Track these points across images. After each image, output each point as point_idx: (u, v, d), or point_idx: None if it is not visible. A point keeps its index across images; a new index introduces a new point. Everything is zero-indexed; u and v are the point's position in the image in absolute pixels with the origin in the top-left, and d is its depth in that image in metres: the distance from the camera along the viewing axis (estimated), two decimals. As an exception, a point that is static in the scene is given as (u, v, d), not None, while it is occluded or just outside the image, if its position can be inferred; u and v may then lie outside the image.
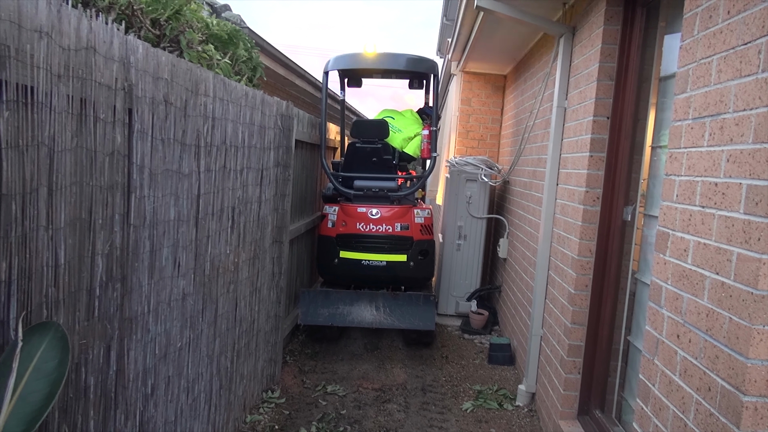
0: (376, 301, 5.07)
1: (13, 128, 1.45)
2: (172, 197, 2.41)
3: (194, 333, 2.77)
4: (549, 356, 3.83)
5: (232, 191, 3.16)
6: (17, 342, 1.32)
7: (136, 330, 2.19)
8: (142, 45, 2.09)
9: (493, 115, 7.22)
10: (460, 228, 6.18)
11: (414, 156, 6.24)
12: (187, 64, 2.46)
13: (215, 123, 2.82)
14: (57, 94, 1.61)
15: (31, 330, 1.49)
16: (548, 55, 4.67)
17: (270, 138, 3.79)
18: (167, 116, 2.31)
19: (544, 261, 4.04)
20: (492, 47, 5.71)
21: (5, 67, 1.41)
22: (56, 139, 1.63)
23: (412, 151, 6.17)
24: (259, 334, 3.89)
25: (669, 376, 2.06)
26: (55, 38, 1.59)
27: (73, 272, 1.75)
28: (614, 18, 3.22)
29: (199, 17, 2.99)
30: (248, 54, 3.73)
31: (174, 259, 2.49)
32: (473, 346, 5.46)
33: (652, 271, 2.30)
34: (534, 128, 4.72)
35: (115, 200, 1.97)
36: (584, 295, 3.38)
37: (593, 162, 3.30)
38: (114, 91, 1.91)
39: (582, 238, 3.35)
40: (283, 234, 4.24)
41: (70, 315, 1.76)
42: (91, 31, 1.75)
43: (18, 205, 1.49)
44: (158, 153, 2.26)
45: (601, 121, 3.28)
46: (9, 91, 1.43)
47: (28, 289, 1.55)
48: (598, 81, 3.25)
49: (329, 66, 5.73)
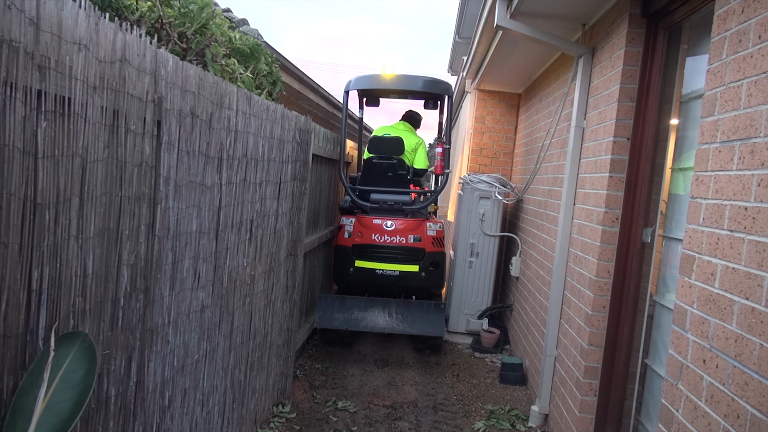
0: (389, 307, 5.34)
1: (50, 138, 1.47)
2: (194, 209, 2.42)
3: (211, 345, 2.77)
4: (563, 377, 3.79)
5: (251, 204, 3.17)
6: (48, 352, 1.32)
7: (157, 341, 2.19)
8: (172, 58, 2.11)
9: (507, 133, 7.23)
10: (473, 245, 6.16)
11: (425, 168, 6.47)
12: (213, 78, 2.48)
13: (237, 136, 2.84)
14: (92, 105, 1.63)
15: (59, 340, 1.49)
16: (565, 75, 4.69)
17: (288, 152, 3.81)
18: (193, 129, 2.33)
19: (559, 281, 4.02)
20: (508, 66, 5.74)
21: (45, 78, 1.43)
22: (89, 150, 1.64)
23: (423, 164, 6.40)
24: (271, 348, 3.88)
25: (694, 402, 2.03)
26: (93, 50, 1.60)
27: (99, 282, 1.76)
28: (636, 40, 3.23)
29: (223, 31, 3.02)
30: (269, 68, 3.76)
31: (195, 271, 2.49)
32: (484, 365, 5.41)
33: (676, 294, 2.27)
34: (550, 147, 4.72)
35: (141, 211, 1.98)
36: (602, 316, 3.35)
37: (613, 183, 3.29)
38: (145, 103, 1.93)
39: (600, 259, 3.33)
40: (298, 247, 4.24)
41: (95, 325, 1.76)
42: (125, 44, 1.77)
43: (51, 214, 1.50)
44: (183, 165, 2.27)
45: (621, 142, 3.27)
46: (48, 102, 1.44)
47: (57, 299, 1.55)
48: (618, 102, 3.25)
49: (350, 86, 6.07)
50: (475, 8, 13.53)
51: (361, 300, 5.43)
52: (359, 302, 5.41)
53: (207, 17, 2.79)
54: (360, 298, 5.45)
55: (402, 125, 6.58)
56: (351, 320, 5.29)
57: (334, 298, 5.48)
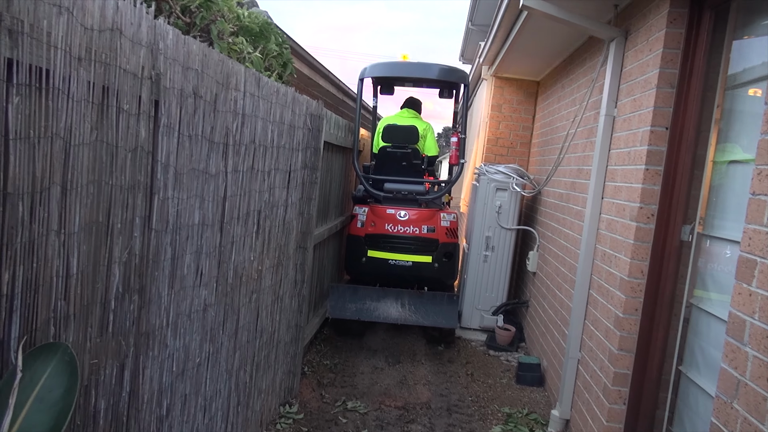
0: (402, 298, 5.28)
1: (23, 116, 1.24)
2: (197, 199, 2.20)
3: (214, 347, 2.56)
4: (588, 382, 3.56)
5: (259, 194, 2.95)
6: (15, 372, 1.11)
7: (153, 346, 1.98)
8: (173, 31, 1.88)
9: (524, 122, 6.96)
10: (488, 239, 5.93)
11: (436, 155, 6.37)
12: (219, 55, 2.25)
13: (245, 120, 2.61)
14: (76, 80, 1.40)
15: (34, 353, 1.28)
16: (593, 60, 4.42)
17: (299, 138, 3.58)
18: (196, 110, 2.11)
19: (584, 279, 3.78)
20: (529, 51, 5.47)
21: (18, 44, 1.20)
22: (73, 132, 1.42)
23: (434, 150, 6.28)
24: (279, 346, 3.68)
25: (755, 425, 1.80)
26: (77, 15, 1.38)
27: (86, 283, 1.54)
28: (678, 21, 2.96)
29: (231, 6, 2.78)
30: (279, 49, 3.53)
31: (196, 267, 2.27)
32: (500, 364, 5.20)
33: (731, 302, 2.04)
34: (575, 137, 4.47)
35: (136, 202, 1.76)
36: (634, 319, 3.12)
37: (649, 176, 3.04)
38: (140, 79, 1.70)
39: (633, 258, 3.09)
40: (308, 240, 4.02)
41: (81, 331, 1.54)
42: (117, 11, 1.55)
43: (26, 206, 1.28)
44: (185, 150, 2.05)
45: (659, 131, 3.02)
46: (21, 73, 1.22)
47: (33, 304, 1.34)
48: (657, 88, 3.00)
49: (365, 73, 5.98)
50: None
51: (373, 290, 5.36)
52: (372, 292, 5.34)
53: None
54: (373, 289, 5.37)
55: (407, 112, 6.40)
56: (363, 310, 5.24)
57: (346, 287, 5.39)
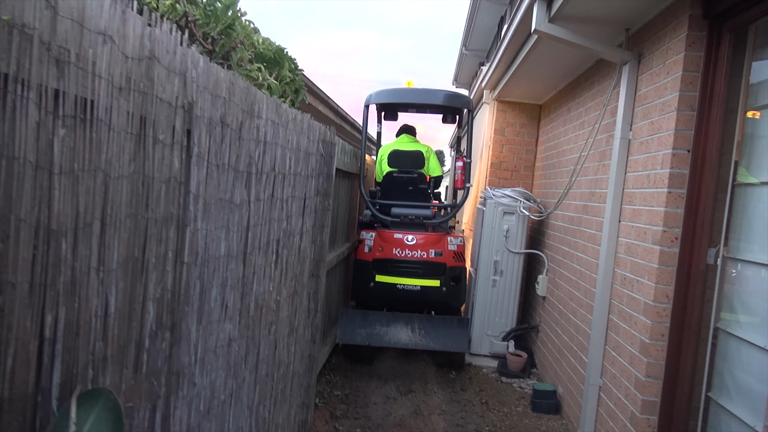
0: (412, 322, 5.26)
1: (68, 150, 1.18)
2: (223, 230, 2.14)
3: (237, 382, 2.47)
4: (613, 410, 3.48)
5: (278, 222, 2.88)
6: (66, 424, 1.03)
7: (183, 385, 1.89)
8: (203, 59, 1.84)
9: (528, 145, 6.97)
10: (497, 263, 5.87)
11: (441, 174, 6.46)
12: (244, 83, 2.21)
13: (266, 148, 2.56)
14: (117, 110, 1.35)
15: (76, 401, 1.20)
16: (602, 83, 4.43)
17: (312, 165, 3.53)
18: (223, 139, 2.05)
19: (603, 304, 3.72)
20: (534, 75, 5.49)
21: (64, 74, 1.15)
22: (113, 164, 1.36)
23: (439, 171, 6.34)
24: (294, 378, 3.57)
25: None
26: (119, 44, 1.33)
27: (122, 322, 1.47)
28: (696, 44, 2.97)
29: (248, 33, 2.76)
30: (292, 75, 3.50)
31: (222, 300, 2.20)
32: (513, 391, 5.09)
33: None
34: (587, 160, 4.45)
35: (168, 235, 1.69)
36: (660, 345, 3.06)
37: (672, 199, 3.01)
38: (174, 108, 1.65)
39: (659, 282, 3.04)
40: (321, 267, 3.95)
41: (117, 373, 1.46)
42: (154, 39, 1.50)
43: (69, 243, 1.21)
44: (212, 180, 1.99)
45: (681, 154, 3.00)
46: (67, 105, 1.17)
47: (74, 347, 1.26)
48: (678, 111, 2.98)
49: (371, 99, 6.02)
50: (484, 21, 13.37)
51: (383, 315, 5.32)
52: (382, 317, 5.30)
53: (233, 17, 2.53)
54: (382, 313, 5.35)
55: (407, 137, 6.47)
56: (373, 335, 5.21)
57: (356, 312, 5.33)
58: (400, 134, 6.52)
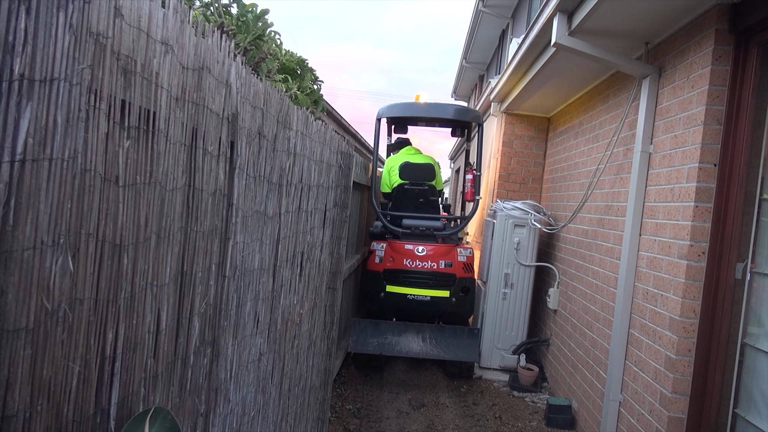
0: (423, 332, 5.32)
1: (132, 162, 1.15)
2: (258, 243, 2.10)
3: (264, 398, 2.42)
4: (635, 427, 3.43)
5: (303, 235, 2.85)
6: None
7: (219, 401, 1.84)
8: (245, 69, 1.81)
9: (536, 158, 6.96)
10: (507, 276, 5.84)
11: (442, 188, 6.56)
12: (278, 94, 2.19)
13: (296, 160, 2.53)
14: (173, 122, 1.32)
15: (135, 422, 1.16)
16: (617, 96, 4.43)
17: (332, 177, 3.51)
18: (260, 151, 2.02)
19: (623, 318, 3.69)
20: (546, 88, 5.49)
21: (131, 84, 1.12)
22: (168, 176, 1.32)
23: (442, 185, 6.45)
24: (311, 392, 3.52)
25: None
26: (178, 54, 1.30)
27: (171, 338, 1.43)
28: (723, 58, 2.96)
29: (278, 45, 2.74)
30: (313, 86, 3.48)
31: (255, 314, 2.16)
32: (526, 406, 5.04)
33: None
34: (603, 173, 4.44)
35: (213, 248, 1.65)
36: (687, 361, 3.03)
37: (699, 213, 2.99)
38: (221, 119, 1.62)
39: (685, 297, 3.01)
40: (337, 280, 3.91)
41: (165, 391, 1.42)
42: (206, 49, 1.47)
43: (130, 258, 1.17)
44: (250, 192, 1.96)
45: (707, 168, 2.98)
46: (132, 116, 1.13)
47: (131, 365, 1.22)
48: (704, 125, 2.97)
49: (382, 113, 6.13)
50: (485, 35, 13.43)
51: (394, 325, 5.36)
52: (393, 327, 5.34)
53: (263, 27, 2.51)
54: (394, 323, 5.38)
55: (413, 150, 6.54)
56: (385, 345, 5.25)
57: (367, 322, 5.39)
58: (402, 147, 6.57)
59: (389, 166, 6.24)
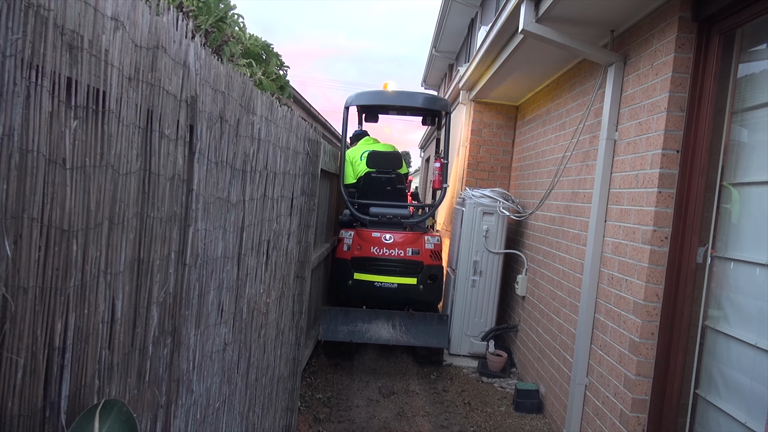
0: (393, 319, 5.36)
1: (80, 143, 1.10)
2: (220, 230, 2.05)
3: (230, 388, 2.38)
4: (600, 409, 3.50)
5: (269, 223, 2.80)
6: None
7: (182, 392, 1.80)
8: (204, 51, 1.75)
9: (504, 146, 7.00)
10: (476, 263, 5.87)
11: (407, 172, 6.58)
12: (241, 78, 2.13)
13: (260, 146, 2.48)
14: (126, 102, 1.26)
15: (87, 415, 1.11)
16: (583, 84, 4.47)
17: (299, 164, 3.45)
18: (222, 135, 1.97)
19: (589, 303, 3.75)
20: (514, 76, 5.50)
21: (77, 61, 1.06)
22: (122, 159, 1.27)
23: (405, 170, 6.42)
24: (279, 382, 3.49)
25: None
26: (129, 31, 1.24)
27: (127, 328, 1.38)
28: (686, 46, 3.00)
29: (241, 28, 2.67)
30: (278, 71, 3.41)
31: (218, 304, 2.11)
32: (495, 391, 5.10)
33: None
34: (569, 160, 4.48)
35: (172, 235, 1.60)
36: (650, 344, 3.08)
37: (662, 199, 3.04)
38: (179, 102, 1.56)
39: (649, 282, 3.06)
40: (306, 269, 3.87)
41: (122, 383, 1.37)
42: (160, 27, 1.41)
43: (80, 244, 1.12)
44: (212, 178, 1.90)
45: (670, 154, 3.03)
46: (80, 94, 1.08)
47: (83, 356, 1.17)
48: (667, 112, 3.01)
49: (351, 101, 6.10)
50: (455, 23, 13.44)
51: (365, 312, 5.38)
52: (363, 314, 5.36)
53: (225, 9, 2.44)
54: (364, 311, 5.40)
55: (372, 140, 6.60)
56: (355, 332, 5.28)
57: (338, 310, 5.39)
58: (361, 137, 6.60)
59: (351, 158, 6.22)
